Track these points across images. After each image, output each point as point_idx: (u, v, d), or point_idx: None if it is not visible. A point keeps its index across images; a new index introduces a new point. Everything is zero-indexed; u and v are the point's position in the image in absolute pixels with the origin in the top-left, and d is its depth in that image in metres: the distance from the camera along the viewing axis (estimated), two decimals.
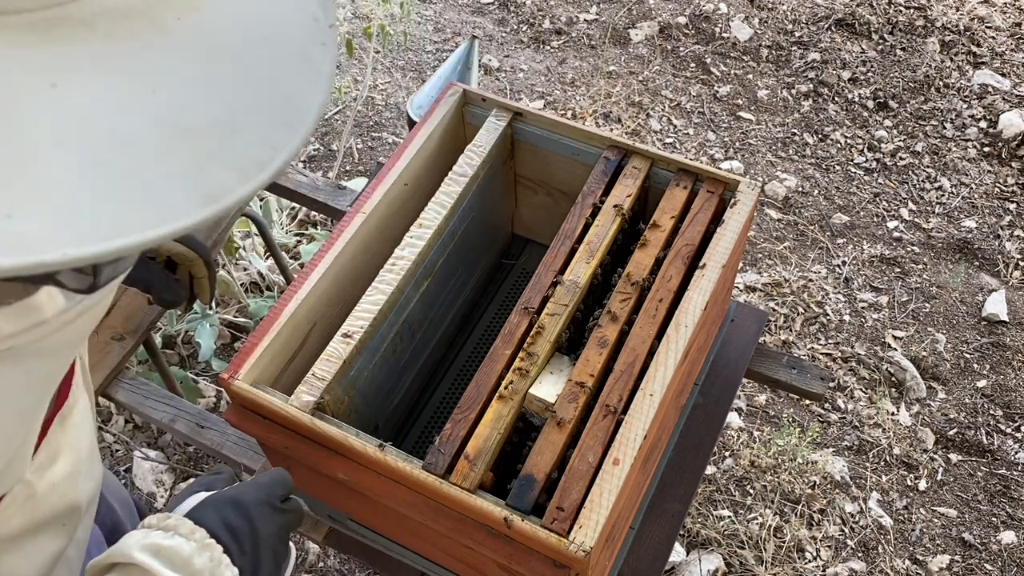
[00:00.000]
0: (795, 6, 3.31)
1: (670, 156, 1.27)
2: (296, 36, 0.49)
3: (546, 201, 1.48)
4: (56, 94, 0.40)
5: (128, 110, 0.41)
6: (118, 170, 0.40)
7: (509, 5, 3.32)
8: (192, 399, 2.07)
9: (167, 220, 0.41)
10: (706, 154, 2.84)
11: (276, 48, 0.48)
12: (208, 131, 0.43)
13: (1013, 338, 2.41)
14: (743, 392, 2.29)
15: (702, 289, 1.13)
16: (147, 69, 0.43)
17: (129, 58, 0.42)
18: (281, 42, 0.48)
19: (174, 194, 0.42)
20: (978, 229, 2.65)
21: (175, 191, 0.42)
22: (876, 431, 2.22)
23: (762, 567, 1.97)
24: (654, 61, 3.12)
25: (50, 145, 0.39)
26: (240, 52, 0.46)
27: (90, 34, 0.42)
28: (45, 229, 0.38)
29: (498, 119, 1.35)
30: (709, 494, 2.10)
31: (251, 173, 0.44)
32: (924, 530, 2.08)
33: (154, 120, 0.42)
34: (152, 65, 0.43)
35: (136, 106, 0.42)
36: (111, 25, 0.42)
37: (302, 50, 0.49)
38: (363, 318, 1.15)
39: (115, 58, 0.42)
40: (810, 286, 2.50)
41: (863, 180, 2.78)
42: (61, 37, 0.41)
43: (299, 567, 1.98)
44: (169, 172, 0.42)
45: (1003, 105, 2.95)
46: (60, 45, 0.41)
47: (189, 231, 0.41)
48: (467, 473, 1.00)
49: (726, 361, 1.48)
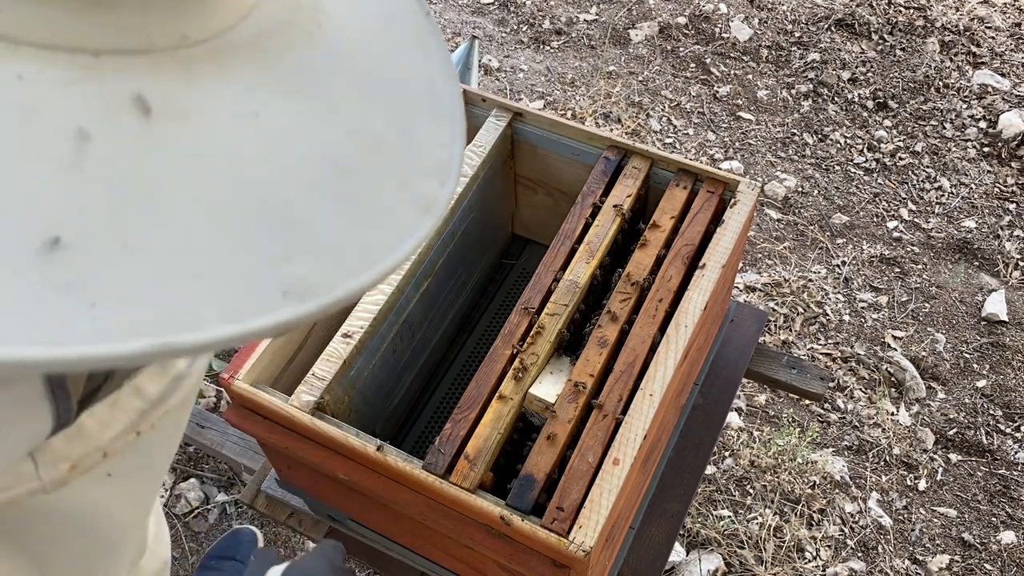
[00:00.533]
0: (795, 6, 3.32)
1: (670, 156, 1.27)
2: (405, 24, 0.46)
3: (546, 201, 1.48)
4: (260, 123, 0.37)
5: (326, 130, 0.38)
6: (346, 195, 0.37)
7: (509, 5, 3.32)
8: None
9: (405, 238, 0.38)
10: (706, 154, 2.84)
11: (393, 39, 0.45)
12: (394, 141, 0.41)
13: (1013, 338, 2.41)
14: (743, 392, 2.29)
15: (702, 289, 1.13)
16: (317, 84, 0.40)
17: (297, 74, 0.39)
18: (398, 29, 0.45)
19: (401, 211, 0.39)
20: (978, 229, 2.65)
21: (397, 208, 0.39)
22: (876, 431, 2.22)
23: (762, 567, 1.97)
24: (654, 61, 3.12)
25: (281, 180, 0.36)
26: (368, 46, 0.43)
27: (263, 55, 0.38)
28: (318, 271, 0.35)
29: (498, 119, 1.35)
30: (709, 494, 2.10)
31: (443, 173, 0.42)
32: (924, 530, 2.08)
33: (350, 137, 0.39)
34: (318, 79, 0.40)
35: (330, 126, 0.39)
36: (273, 42, 0.39)
37: (417, 38, 0.46)
38: (363, 318, 1.15)
39: (287, 76, 0.39)
40: (810, 286, 2.50)
41: (863, 180, 2.78)
42: (236, 63, 0.37)
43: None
44: (381, 189, 0.39)
45: (1003, 105, 2.95)
46: (239, 71, 0.37)
47: (421, 245, 0.39)
48: (467, 473, 1.00)
49: (726, 361, 1.48)
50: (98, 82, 0.32)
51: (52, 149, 0.30)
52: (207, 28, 0.36)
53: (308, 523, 1.40)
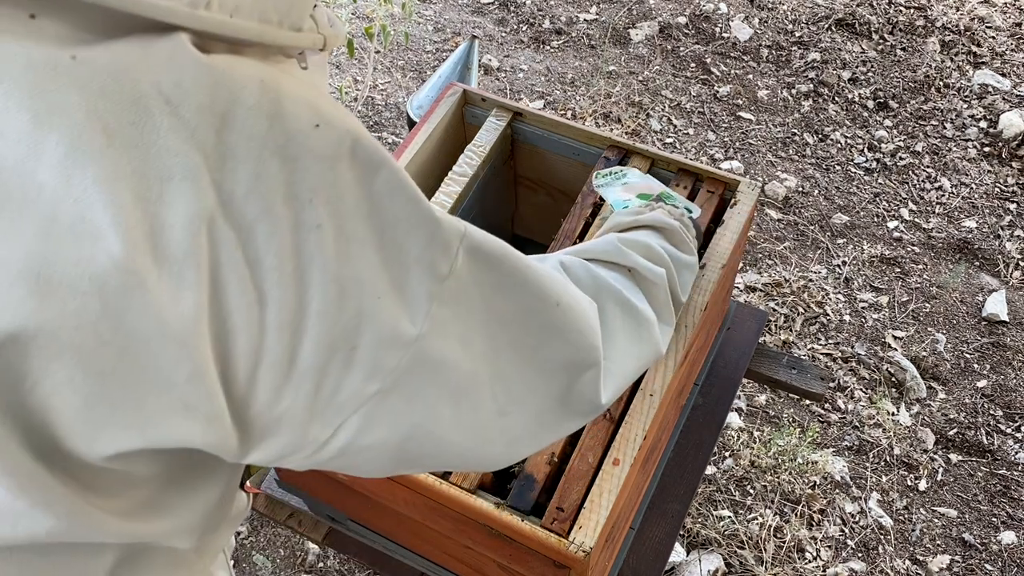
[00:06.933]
0: (795, 6, 3.31)
1: (670, 156, 1.27)
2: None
3: (546, 201, 1.48)
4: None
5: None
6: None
7: (509, 5, 3.32)
8: None
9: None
10: (706, 154, 2.84)
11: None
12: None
13: (1013, 338, 2.41)
14: (743, 392, 2.29)
15: (702, 289, 1.13)
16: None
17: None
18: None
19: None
20: (978, 229, 2.65)
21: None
22: (876, 431, 2.22)
23: (762, 567, 1.97)
24: (654, 61, 3.12)
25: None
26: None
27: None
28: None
29: (498, 119, 1.35)
30: (709, 494, 2.10)
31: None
32: (924, 530, 2.08)
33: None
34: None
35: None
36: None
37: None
38: None
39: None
40: (810, 286, 2.50)
41: (863, 180, 2.78)
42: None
43: (299, 567, 1.98)
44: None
45: (1003, 105, 2.95)
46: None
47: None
48: (466, 473, 1.00)
49: (726, 361, 1.48)
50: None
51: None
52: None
53: (308, 523, 1.39)
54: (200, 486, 0.54)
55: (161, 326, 0.41)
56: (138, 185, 0.40)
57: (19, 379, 0.41)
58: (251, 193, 0.43)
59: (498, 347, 0.56)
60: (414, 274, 0.50)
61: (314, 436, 0.49)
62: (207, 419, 0.44)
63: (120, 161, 0.40)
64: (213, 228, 0.42)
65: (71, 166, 0.39)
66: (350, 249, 0.46)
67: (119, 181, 0.39)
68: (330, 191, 0.45)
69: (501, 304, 0.56)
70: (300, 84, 0.46)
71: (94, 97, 0.40)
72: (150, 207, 0.40)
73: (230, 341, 0.44)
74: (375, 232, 0.47)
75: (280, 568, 1.98)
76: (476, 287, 0.54)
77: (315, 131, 0.45)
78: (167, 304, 0.41)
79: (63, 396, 0.41)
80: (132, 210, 0.40)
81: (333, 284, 0.45)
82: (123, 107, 0.40)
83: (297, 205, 0.44)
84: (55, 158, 0.39)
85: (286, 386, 0.46)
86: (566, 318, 0.61)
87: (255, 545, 2.01)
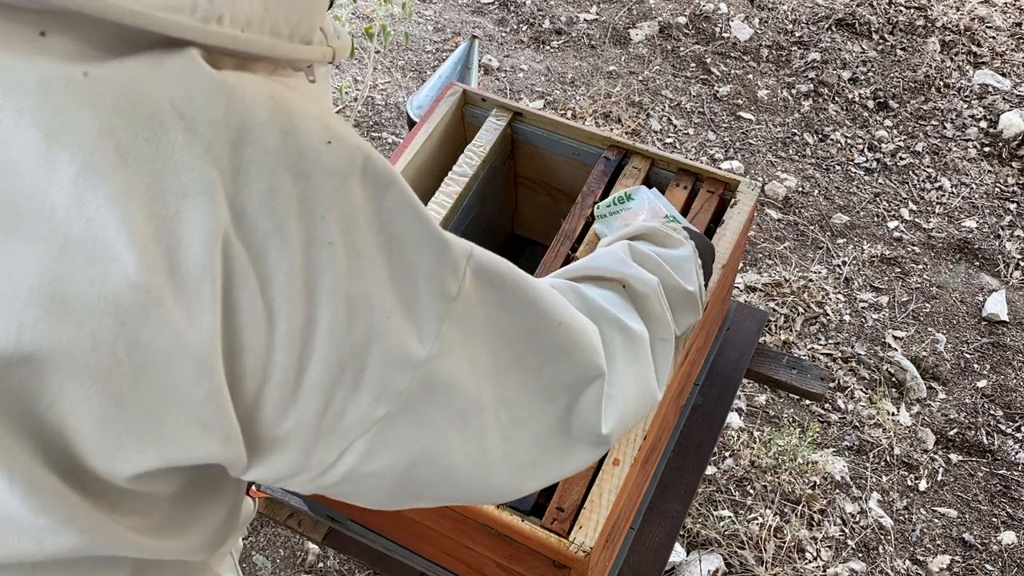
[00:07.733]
0: (795, 6, 3.31)
1: (670, 156, 1.27)
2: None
3: (546, 201, 1.47)
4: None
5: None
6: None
7: (509, 5, 3.32)
8: None
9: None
10: (706, 154, 2.84)
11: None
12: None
13: (1013, 338, 2.41)
14: (743, 392, 2.29)
15: None
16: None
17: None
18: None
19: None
20: (978, 229, 2.65)
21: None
22: (876, 431, 2.22)
23: (762, 567, 1.97)
24: (654, 61, 3.12)
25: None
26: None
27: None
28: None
29: (498, 119, 1.34)
30: (709, 494, 2.10)
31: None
32: (924, 530, 2.08)
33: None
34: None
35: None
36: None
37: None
38: None
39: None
40: (810, 286, 2.50)
41: (863, 180, 2.78)
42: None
43: (299, 567, 1.98)
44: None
45: (1003, 105, 2.95)
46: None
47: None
48: None
49: (726, 361, 1.48)
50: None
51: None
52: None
53: (308, 523, 1.39)
54: (209, 501, 0.54)
55: (179, 345, 0.41)
56: (153, 202, 0.40)
57: (36, 398, 0.40)
58: (263, 208, 0.42)
59: (502, 368, 0.56)
60: (424, 294, 0.49)
61: (318, 459, 0.49)
62: (225, 437, 0.44)
63: (134, 179, 0.39)
64: (227, 244, 0.41)
65: (83, 185, 0.38)
66: (360, 266, 0.46)
67: (133, 199, 0.39)
68: (342, 208, 0.45)
69: (506, 325, 0.56)
70: (307, 100, 0.46)
71: (107, 114, 0.39)
72: (166, 224, 0.40)
73: (238, 358, 0.43)
74: (385, 250, 0.47)
75: (280, 568, 1.98)
76: (482, 307, 0.54)
77: (327, 148, 0.44)
78: (184, 323, 0.41)
79: (80, 416, 0.41)
80: (147, 228, 0.39)
81: (343, 303, 0.45)
82: (137, 123, 0.40)
83: (310, 221, 0.44)
84: (67, 177, 0.38)
85: (292, 405, 0.46)
86: (569, 338, 0.61)
87: (255, 545, 2.01)
